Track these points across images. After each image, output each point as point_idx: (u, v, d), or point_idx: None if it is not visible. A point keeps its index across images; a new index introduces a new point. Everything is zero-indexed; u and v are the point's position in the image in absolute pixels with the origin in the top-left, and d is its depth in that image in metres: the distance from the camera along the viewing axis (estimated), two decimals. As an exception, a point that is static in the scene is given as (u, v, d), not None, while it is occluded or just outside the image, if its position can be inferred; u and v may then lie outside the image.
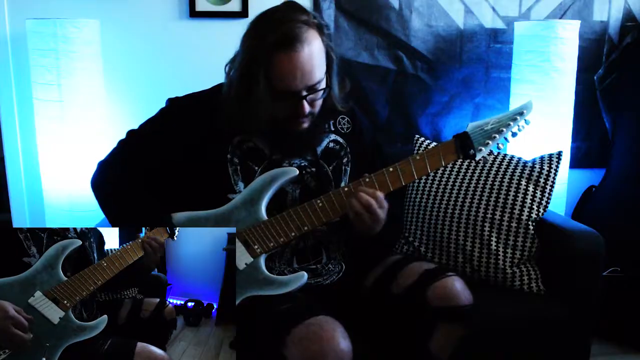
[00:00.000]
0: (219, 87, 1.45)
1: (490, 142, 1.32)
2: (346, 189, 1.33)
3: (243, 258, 1.30)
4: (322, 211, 1.32)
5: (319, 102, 1.38)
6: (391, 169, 1.33)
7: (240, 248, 1.30)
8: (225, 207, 1.34)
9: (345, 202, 1.31)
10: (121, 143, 1.45)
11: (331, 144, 1.48)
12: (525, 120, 1.36)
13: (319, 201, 1.32)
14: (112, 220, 1.39)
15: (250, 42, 1.31)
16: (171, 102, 1.47)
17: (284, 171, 1.34)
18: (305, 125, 1.38)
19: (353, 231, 1.35)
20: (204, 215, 1.34)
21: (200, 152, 1.39)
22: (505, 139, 1.35)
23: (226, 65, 1.41)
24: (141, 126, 1.45)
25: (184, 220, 1.34)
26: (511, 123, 1.34)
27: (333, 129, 1.50)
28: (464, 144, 1.33)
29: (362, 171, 1.42)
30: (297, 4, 1.35)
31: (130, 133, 1.45)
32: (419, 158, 1.33)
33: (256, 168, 1.39)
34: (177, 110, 1.44)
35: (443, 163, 1.34)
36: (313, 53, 1.29)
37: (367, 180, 1.32)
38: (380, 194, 1.30)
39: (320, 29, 1.32)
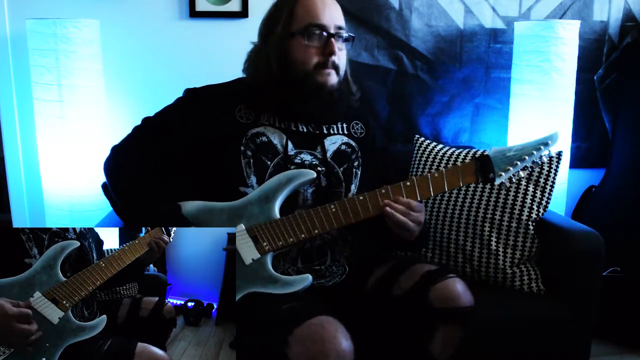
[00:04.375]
0: (237, 80, 1.47)
1: (511, 168, 1.31)
2: (361, 197, 1.32)
3: (250, 253, 1.30)
4: (334, 217, 1.32)
5: (343, 56, 1.43)
6: (408, 183, 1.32)
7: (249, 243, 1.30)
8: (239, 201, 1.35)
9: (359, 211, 1.31)
10: (136, 129, 1.46)
11: (343, 147, 1.48)
12: (549, 150, 1.34)
13: (332, 206, 1.32)
14: (122, 205, 1.39)
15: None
16: (188, 92, 1.48)
17: (301, 173, 1.35)
18: (333, 80, 1.41)
19: (395, 236, 1.35)
20: (218, 206, 1.34)
21: (214, 143, 1.39)
22: (526, 167, 1.34)
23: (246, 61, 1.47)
24: (157, 114, 1.46)
25: (195, 209, 1.34)
26: (534, 152, 1.32)
27: (347, 133, 1.51)
28: (485, 168, 1.33)
29: (372, 176, 1.42)
30: None
31: (146, 120, 1.46)
32: (437, 176, 1.32)
33: (268, 163, 1.40)
34: (194, 100, 1.45)
35: (461, 184, 1.33)
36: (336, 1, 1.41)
37: (384, 191, 1.32)
38: (414, 201, 1.31)
39: None
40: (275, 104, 1.43)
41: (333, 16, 1.38)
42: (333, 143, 1.47)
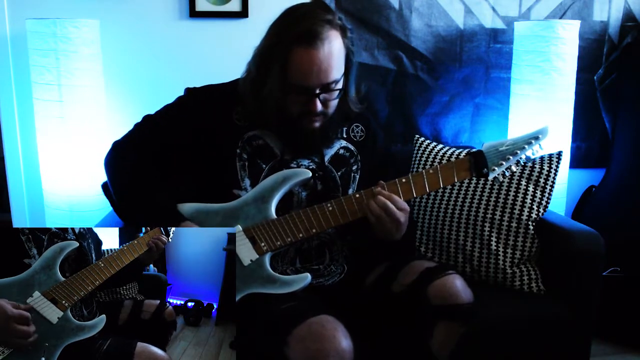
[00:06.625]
0: (237, 81, 1.46)
1: (503, 162, 1.34)
2: (357, 195, 1.32)
3: (248, 254, 1.30)
4: (331, 215, 1.32)
5: (333, 103, 1.38)
6: (404, 180, 1.33)
7: (246, 244, 1.30)
8: (235, 202, 1.35)
9: (356, 209, 1.32)
10: (137, 126, 1.46)
11: (342, 151, 1.48)
12: (539, 145, 1.36)
13: (329, 205, 1.32)
14: (120, 201, 1.40)
15: (272, 34, 1.33)
16: (189, 91, 1.48)
17: (296, 172, 1.35)
18: (317, 124, 1.39)
19: (375, 236, 1.35)
20: (213, 208, 1.35)
21: (211, 144, 1.39)
22: (519, 161, 1.36)
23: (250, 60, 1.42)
24: (157, 112, 1.46)
25: (192, 211, 1.34)
26: (526, 146, 1.35)
27: (345, 136, 1.50)
28: (478, 163, 1.34)
29: (372, 179, 1.42)
30: (324, 3, 1.37)
31: (146, 117, 1.47)
32: (432, 172, 1.34)
33: (264, 166, 1.40)
34: (194, 99, 1.45)
35: (456, 179, 1.34)
36: (332, 52, 1.29)
37: (379, 189, 1.33)
38: (398, 197, 1.31)
39: (344, 30, 1.34)
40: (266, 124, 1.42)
41: (321, 76, 1.29)
42: (331, 147, 1.47)
